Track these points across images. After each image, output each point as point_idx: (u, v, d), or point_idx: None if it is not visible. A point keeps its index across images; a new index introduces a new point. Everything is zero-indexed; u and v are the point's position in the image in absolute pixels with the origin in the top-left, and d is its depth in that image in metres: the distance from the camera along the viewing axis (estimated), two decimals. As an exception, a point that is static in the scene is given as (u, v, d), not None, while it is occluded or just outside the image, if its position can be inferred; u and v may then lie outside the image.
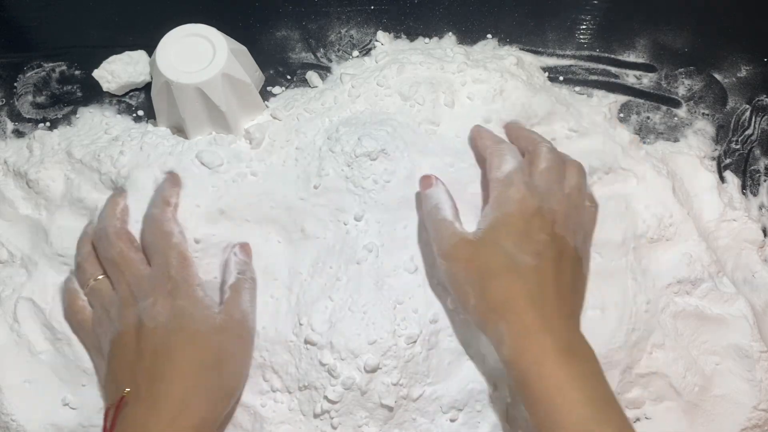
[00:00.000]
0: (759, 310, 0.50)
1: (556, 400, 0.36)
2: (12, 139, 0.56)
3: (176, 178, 0.48)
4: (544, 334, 0.38)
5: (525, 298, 0.39)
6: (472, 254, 0.41)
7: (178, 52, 0.49)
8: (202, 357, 0.40)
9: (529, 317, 0.39)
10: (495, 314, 0.40)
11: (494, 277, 0.40)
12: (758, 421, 0.46)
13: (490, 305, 0.40)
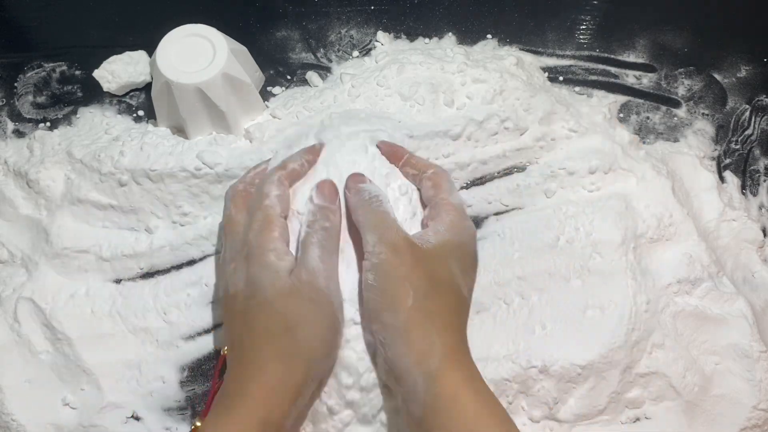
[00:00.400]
0: (759, 310, 0.50)
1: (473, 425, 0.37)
2: (12, 139, 0.56)
3: (315, 149, 0.46)
4: (466, 359, 0.40)
5: (458, 319, 0.41)
6: (421, 259, 0.40)
7: (178, 52, 0.49)
8: (272, 324, 0.39)
9: (459, 338, 0.40)
10: (429, 322, 0.39)
11: (439, 288, 0.40)
12: (758, 421, 0.46)
13: (428, 311, 0.39)
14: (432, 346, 0.38)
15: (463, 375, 0.38)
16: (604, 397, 0.46)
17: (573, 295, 0.48)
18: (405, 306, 0.39)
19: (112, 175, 0.50)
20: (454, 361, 0.39)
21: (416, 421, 0.38)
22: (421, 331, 0.39)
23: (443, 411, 0.37)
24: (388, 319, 0.39)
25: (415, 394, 0.38)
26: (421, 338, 0.39)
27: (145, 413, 0.46)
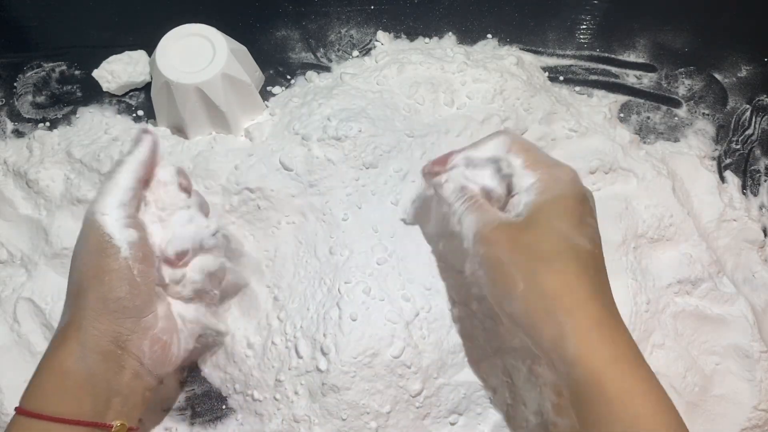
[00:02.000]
0: (759, 310, 0.50)
1: (636, 403, 0.33)
2: (12, 139, 0.56)
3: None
4: (616, 332, 0.35)
5: (588, 288, 0.35)
6: (519, 236, 0.37)
7: (178, 52, 0.49)
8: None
9: (595, 310, 0.35)
10: (552, 303, 0.35)
11: (549, 261, 0.36)
12: (758, 421, 0.46)
13: (546, 292, 0.35)
14: (561, 328, 0.35)
15: (607, 355, 0.34)
16: (605, 397, 0.46)
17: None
18: (517, 292, 0.36)
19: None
20: (592, 341, 0.34)
21: (568, 404, 0.36)
22: (543, 315, 0.35)
23: (587, 397, 0.34)
24: (509, 309, 0.37)
25: (560, 378, 0.36)
26: (547, 323, 0.35)
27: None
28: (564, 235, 0.37)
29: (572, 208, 0.38)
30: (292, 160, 0.49)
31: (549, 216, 0.37)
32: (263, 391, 0.45)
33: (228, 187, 0.49)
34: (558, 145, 0.53)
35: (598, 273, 0.37)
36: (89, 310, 0.37)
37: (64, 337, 0.38)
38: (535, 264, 0.36)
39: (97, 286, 0.38)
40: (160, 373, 0.40)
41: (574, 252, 0.36)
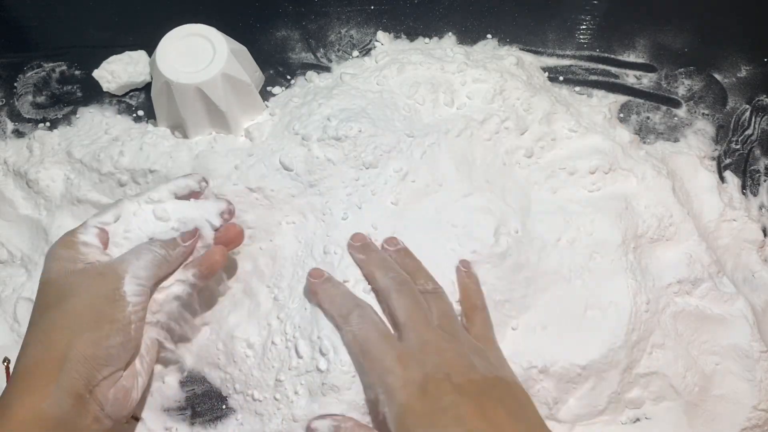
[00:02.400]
0: (759, 310, 0.50)
1: None
2: (12, 139, 0.56)
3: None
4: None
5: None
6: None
7: (178, 52, 0.49)
8: (44, 300, 0.40)
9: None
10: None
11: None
12: (758, 421, 0.46)
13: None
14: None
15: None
16: (605, 397, 0.46)
17: (573, 295, 0.48)
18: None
19: (112, 175, 0.50)
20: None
21: None
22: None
23: None
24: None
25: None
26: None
27: (145, 413, 0.46)
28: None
29: (419, 410, 0.38)
30: (292, 160, 0.49)
31: (408, 429, 0.37)
32: (263, 391, 0.45)
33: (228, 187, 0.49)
34: (558, 145, 0.53)
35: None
36: (78, 353, 0.37)
37: (42, 374, 0.36)
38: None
39: (95, 330, 0.38)
40: (117, 418, 0.39)
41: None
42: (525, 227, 0.49)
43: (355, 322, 0.42)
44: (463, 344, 0.41)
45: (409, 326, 0.41)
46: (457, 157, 0.50)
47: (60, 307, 0.38)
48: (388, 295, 0.43)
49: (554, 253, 0.49)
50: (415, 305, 0.42)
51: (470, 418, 0.37)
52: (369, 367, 0.40)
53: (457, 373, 0.39)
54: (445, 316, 0.43)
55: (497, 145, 0.52)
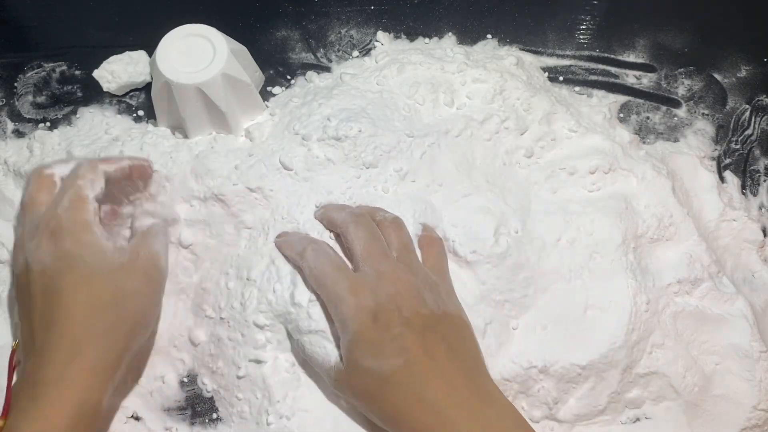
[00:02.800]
0: (759, 310, 0.50)
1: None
2: (12, 139, 0.56)
3: (146, 167, 0.47)
4: (444, 428, 0.37)
5: (410, 403, 0.38)
6: (350, 382, 0.40)
7: (178, 52, 0.49)
8: (95, 297, 0.38)
9: (423, 418, 0.38)
10: (396, 426, 0.39)
11: (375, 398, 0.39)
12: (758, 421, 0.46)
13: (387, 422, 0.40)
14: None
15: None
16: (604, 397, 0.46)
17: (573, 295, 0.48)
18: (379, 423, 0.41)
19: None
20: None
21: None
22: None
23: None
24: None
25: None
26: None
27: (145, 413, 0.46)
28: (373, 371, 0.39)
29: (365, 340, 0.39)
30: (292, 160, 0.49)
31: (354, 357, 0.39)
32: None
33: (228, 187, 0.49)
34: (558, 145, 0.53)
35: (418, 379, 0.39)
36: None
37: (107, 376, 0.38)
38: (371, 404, 0.40)
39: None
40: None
41: (387, 380, 0.39)
42: (525, 227, 0.49)
43: (310, 257, 0.42)
44: (417, 277, 0.42)
45: (365, 257, 0.42)
46: (457, 157, 0.50)
47: (118, 308, 0.39)
48: (345, 230, 0.44)
49: (554, 253, 0.49)
50: (372, 237, 0.43)
51: (412, 350, 0.39)
52: (325, 298, 0.42)
53: (407, 307, 0.40)
54: (404, 247, 0.44)
55: (497, 145, 0.52)
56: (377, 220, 0.45)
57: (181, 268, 0.48)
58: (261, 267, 0.46)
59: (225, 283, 0.47)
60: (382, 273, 0.41)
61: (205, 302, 0.48)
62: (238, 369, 0.45)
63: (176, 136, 0.52)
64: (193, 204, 0.49)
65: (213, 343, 0.47)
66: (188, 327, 0.48)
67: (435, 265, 0.45)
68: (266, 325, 0.45)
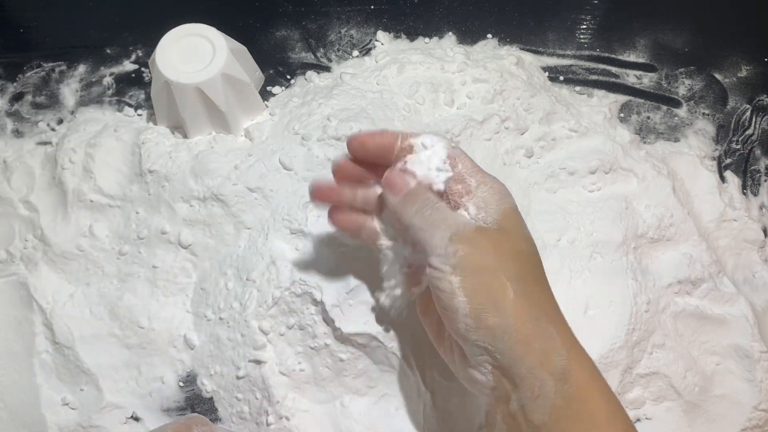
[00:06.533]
0: (759, 310, 0.50)
1: (610, 417, 0.33)
2: (12, 139, 0.56)
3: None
4: (583, 350, 0.35)
5: (554, 297, 0.36)
6: (498, 243, 0.35)
7: (178, 52, 0.49)
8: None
9: (567, 323, 0.35)
10: (539, 311, 0.34)
11: (528, 266, 0.35)
12: (758, 422, 0.46)
13: (532, 299, 0.34)
14: (552, 341, 0.33)
15: (589, 372, 0.34)
16: (605, 397, 0.46)
17: (574, 295, 0.48)
18: (508, 300, 0.34)
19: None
20: (578, 356, 0.34)
21: (535, 427, 0.33)
22: (534, 325, 0.33)
23: (574, 415, 0.33)
24: (493, 321, 0.33)
25: (541, 398, 0.33)
26: (539, 334, 0.33)
27: (145, 413, 0.46)
28: (532, 243, 0.36)
29: (521, 219, 0.37)
30: (292, 160, 0.49)
31: (516, 223, 0.36)
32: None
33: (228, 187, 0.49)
34: (558, 145, 0.53)
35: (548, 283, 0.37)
36: None
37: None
38: (519, 271, 0.35)
39: None
40: None
41: (539, 260, 0.36)
42: (525, 227, 0.49)
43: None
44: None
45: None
46: (457, 157, 0.50)
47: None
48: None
49: (554, 253, 0.49)
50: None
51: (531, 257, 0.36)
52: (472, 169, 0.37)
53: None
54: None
55: (497, 145, 0.52)
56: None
57: (180, 269, 0.48)
58: (261, 267, 0.46)
59: (224, 284, 0.47)
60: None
61: (205, 302, 0.48)
62: (238, 369, 0.45)
63: (176, 136, 0.52)
64: (192, 204, 0.49)
65: (212, 343, 0.47)
66: (187, 327, 0.48)
67: None
68: (266, 328, 0.45)
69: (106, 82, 0.58)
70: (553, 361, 0.33)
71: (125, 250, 0.49)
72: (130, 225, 0.49)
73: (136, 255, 0.49)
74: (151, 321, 0.48)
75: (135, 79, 0.58)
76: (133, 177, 0.50)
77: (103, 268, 0.49)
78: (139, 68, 0.59)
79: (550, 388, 0.33)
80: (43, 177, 0.52)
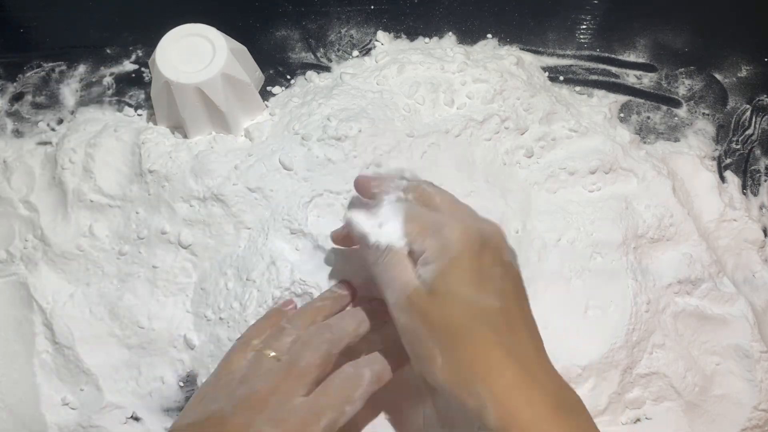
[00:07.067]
0: (759, 310, 0.50)
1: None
2: (12, 139, 0.56)
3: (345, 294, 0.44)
4: (531, 391, 0.34)
5: (500, 350, 0.35)
6: (429, 308, 0.36)
7: (178, 52, 0.49)
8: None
9: (510, 372, 0.34)
10: (470, 375, 0.35)
11: (461, 333, 0.35)
12: (758, 422, 0.46)
13: (462, 365, 0.35)
14: (480, 399, 0.34)
15: (526, 418, 0.33)
16: (605, 397, 0.46)
17: (574, 295, 0.48)
18: (436, 367, 0.35)
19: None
20: (510, 408, 0.33)
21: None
22: (463, 387, 0.35)
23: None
24: (432, 383, 0.36)
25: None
26: (468, 395, 0.34)
27: (145, 413, 0.46)
28: (468, 302, 0.36)
29: (469, 266, 0.36)
30: (292, 160, 0.49)
31: (449, 283, 0.36)
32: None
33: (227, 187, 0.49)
34: (558, 145, 0.53)
35: (510, 329, 0.36)
36: None
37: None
38: (450, 339, 0.35)
39: None
40: None
41: (480, 318, 0.35)
42: (525, 227, 0.49)
43: (411, 188, 0.41)
44: (501, 229, 0.40)
45: (452, 202, 0.40)
46: (457, 157, 0.50)
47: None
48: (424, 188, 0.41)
49: (554, 253, 0.49)
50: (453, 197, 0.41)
51: (509, 297, 0.37)
52: (422, 226, 0.38)
53: (505, 251, 0.38)
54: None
55: (497, 145, 0.52)
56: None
57: (180, 269, 0.48)
58: (261, 267, 0.46)
59: (224, 284, 0.47)
60: (474, 216, 0.39)
61: (205, 302, 0.48)
62: (238, 369, 0.45)
63: (176, 136, 0.52)
64: (192, 204, 0.49)
65: (212, 343, 0.47)
66: (187, 327, 0.48)
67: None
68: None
69: (106, 82, 0.58)
70: (485, 418, 0.34)
71: (125, 250, 0.49)
72: (130, 225, 0.49)
73: (136, 255, 0.49)
74: (151, 321, 0.47)
75: (135, 79, 0.58)
76: (133, 177, 0.50)
77: (103, 268, 0.49)
78: (139, 68, 0.59)
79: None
80: (43, 177, 0.52)
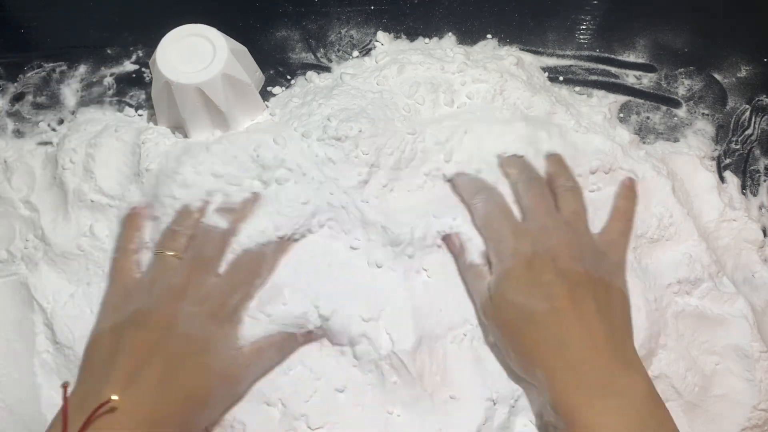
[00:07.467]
0: (759, 310, 0.50)
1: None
2: (12, 139, 0.56)
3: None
4: (577, 376, 0.39)
5: (549, 345, 0.41)
6: (494, 313, 0.43)
7: (178, 53, 0.49)
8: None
9: (559, 362, 0.40)
10: (530, 363, 0.41)
11: (516, 332, 0.42)
12: (758, 421, 0.46)
13: (523, 357, 0.42)
14: (542, 382, 0.41)
15: (577, 400, 0.39)
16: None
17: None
18: (512, 360, 0.43)
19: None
20: (564, 389, 0.40)
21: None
22: (529, 375, 0.42)
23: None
24: (517, 372, 0.44)
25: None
26: (534, 380, 0.42)
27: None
28: (519, 306, 0.42)
29: (518, 277, 0.43)
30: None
31: (504, 290, 0.43)
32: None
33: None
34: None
35: (560, 325, 0.41)
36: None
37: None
38: (511, 337, 0.43)
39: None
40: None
41: (530, 319, 0.41)
42: (525, 227, 0.49)
43: (480, 199, 0.46)
44: (581, 239, 0.45)
45: (532, 211, 0.45)
46: (457, 157, 0.50)
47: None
48: (517, 186, 0.47)
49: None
50: (541, 196, 0.46)
51: (560, 299, 0.41)
52: (488, 237, 0.45)
53: (563, 259, 0.43)
54: (574, 212, 0.46)
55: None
56: (555, 185, 0.48)
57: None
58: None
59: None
60: (545, 226, 0.44)
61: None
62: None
63: (176, 136, 0.52)
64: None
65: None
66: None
67: (613, 240, 0.47)
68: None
69: (107, 82, 0.58)
70: (545, 396, 0.41)
71: (126, 250, 0.49)
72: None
73: (137, 255, 0.49)
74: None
75: (135, 80, 0.58)
76: (133, 177, 0.50)
77: (104, 268, 0.49)
78: (140, 68, 0.59)
79: (555, 421, 0.40)
80: (43, 177, 0.52)
